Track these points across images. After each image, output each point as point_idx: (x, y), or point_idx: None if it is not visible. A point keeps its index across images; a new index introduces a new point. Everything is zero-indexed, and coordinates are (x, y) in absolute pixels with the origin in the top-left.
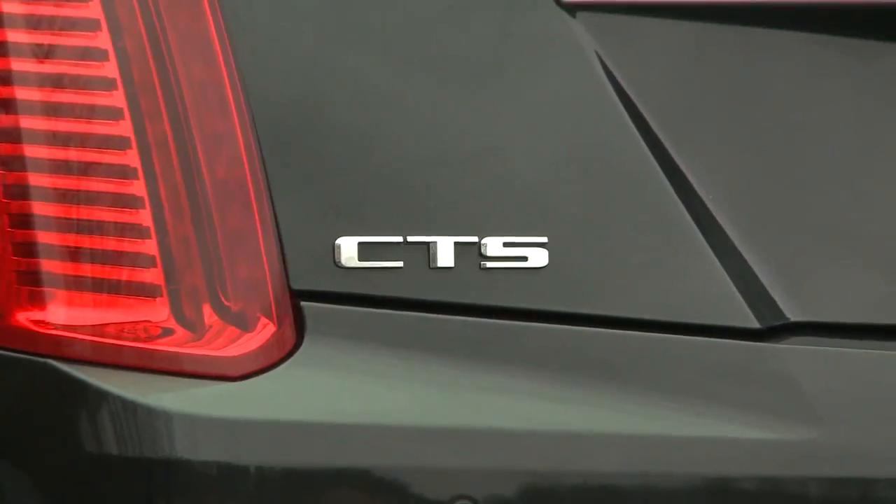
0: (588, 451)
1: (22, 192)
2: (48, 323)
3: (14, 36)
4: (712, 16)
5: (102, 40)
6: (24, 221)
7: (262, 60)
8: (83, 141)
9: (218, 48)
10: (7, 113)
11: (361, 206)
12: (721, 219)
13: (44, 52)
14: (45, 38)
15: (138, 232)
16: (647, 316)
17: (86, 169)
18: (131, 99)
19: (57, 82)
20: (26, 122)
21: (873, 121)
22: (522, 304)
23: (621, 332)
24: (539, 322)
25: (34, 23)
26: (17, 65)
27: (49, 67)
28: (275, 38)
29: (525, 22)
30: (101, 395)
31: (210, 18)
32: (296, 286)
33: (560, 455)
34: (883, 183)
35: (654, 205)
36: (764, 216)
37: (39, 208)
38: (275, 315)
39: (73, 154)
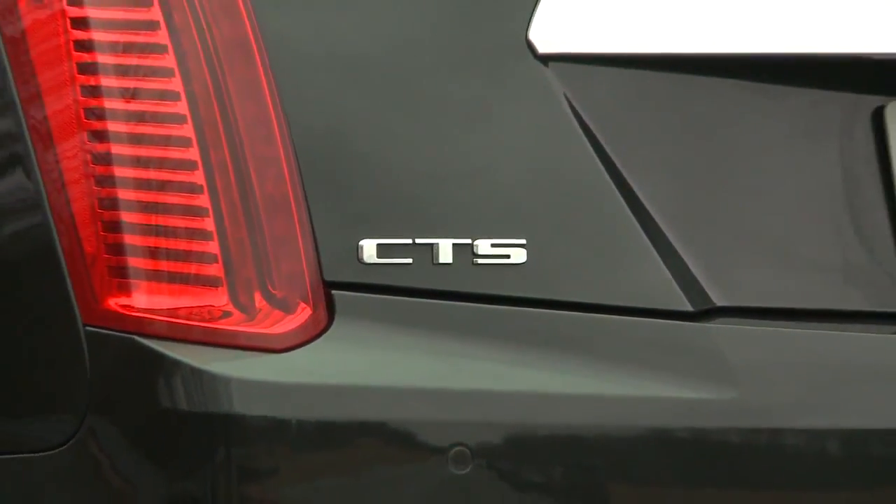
0: (555, 406)
1: (112, 204)
2: (133, 307)
3: (107, 81)
4: (653, 65)
5: (175, 84)
6: (114, 227)
7: (300, 100)
8: (160, 163)
9: (266, 90)
10: (101, 142)
11: (379, 216)
12: (663, 225)
13: (130, 94)
14: (131, 83)
15: (203, 235)
16: (604, 301)
17: (162, 185)
18: (198, 130)
19: (140, 117)
20: (116, 149)
21: (781, 147)
22: (506, 292)
23: (583, 314)
24: (519, 307)
25: (122, 70)
26: (109, 104)
27: (134, 106)
28: (310, 82)
29: (509, 70)
30: (175, 364)
31: (260, 67)
32: (328, 278)
33: (534, 410)
34: (788, 197)
35: (609, 214)
36: (696, 223)
37: (126, 216)
38: (311, 301)
39: (152, 174)
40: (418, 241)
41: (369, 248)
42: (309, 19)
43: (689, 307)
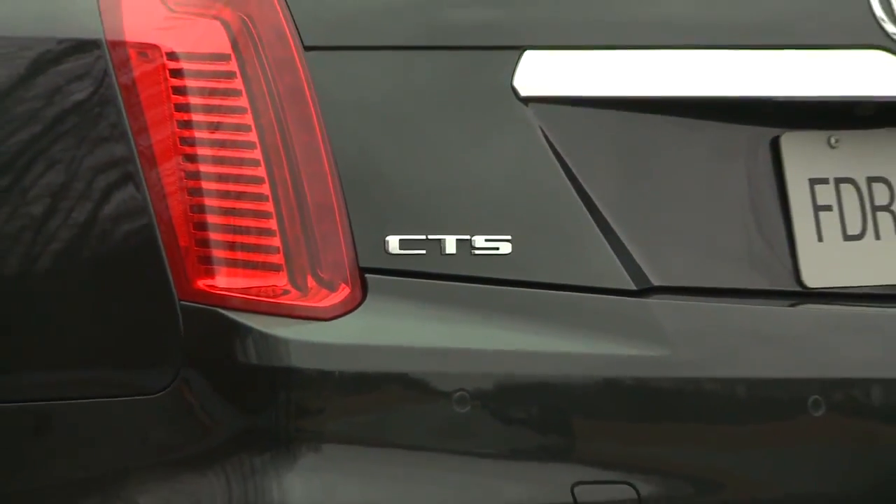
0: (532, 361)
1: (200, 209)
2: (216, 287)
3: (196, 117)
4: (606, 105)
5: (247, 119)
6: (201, 226)
7: (340, 132)
8: (236, 179)
9: (315, 124)
10: (191, 163)
11: (400, 218)
12: (613, 225)
13: (213, 126)
14: (213, 118)
15: (268, 233)
16: (569, 282)
17: (238, 195)
18: (265, 153)
19: (220, 144)
20: (202, 168)
21: (704, 165)
22: (496, 275)
23: (554, 291)
24: (505, 287)
25: (207, 108)
26: (198, 134)
27: (216, 135)
28: (348, 119)
29: (498, 109)
30: (247, 330)
31: (311, 107)
32: (362, 265)
33: (516, 363)
34: (709, 203)
35: (573, 217)
36: (639, 224)
37: (210, 219)
38: (349, 282)
39: (230, 186)
40: (430, 237)
41: (393, 242)
42: (346, 73)
43: (632, 286)
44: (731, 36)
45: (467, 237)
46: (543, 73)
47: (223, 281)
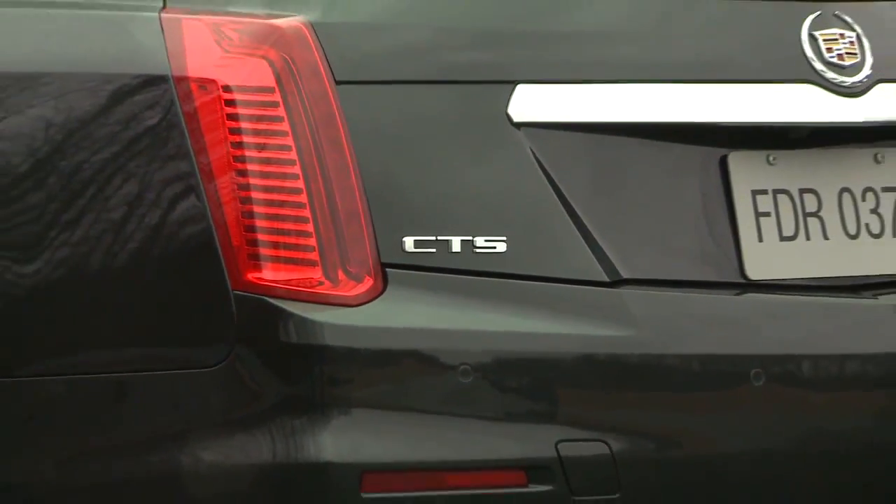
0: (523, 340)
1: (250, 215)
2: (263, 279)
3: (246, 139)
4: (585, 129)
5: (289, 140)
6: (251, 229)
7: (365, 151)
8: (279, 190)
9: (345, 144)
10: (242, 177)
11: (414, 223)
12: (590, 228)
13: (260, 147)
14: (261, 140)
15: (306, 234)
16: (553, 275)
17: (281, 203)
18: (303, 169)
19: (266, 161)
20: (252, 181)
21: (666, 178)
22: (493, 269)
23: (541, 283)
24: (501, 279)
25: (256, 132)
26: (248, 153)
27: (263, 154)
28: (370, 141)
29: (495, 132)
30: (289, 314)
31: (342, 131)
32: (383, 261)
33: (510, 342)
34: (670, 209)
35: (557, 222)
36: (612, 227)
37: (258, 223)
38: (373, 275)
39: (274, 196)
40: (439, 238)
41: (409, 242)
42: (370, 102)
43: (606, 279)
44: (688, 72)
45: (470, 238)
46: (533, 102)
47: (269, 274)
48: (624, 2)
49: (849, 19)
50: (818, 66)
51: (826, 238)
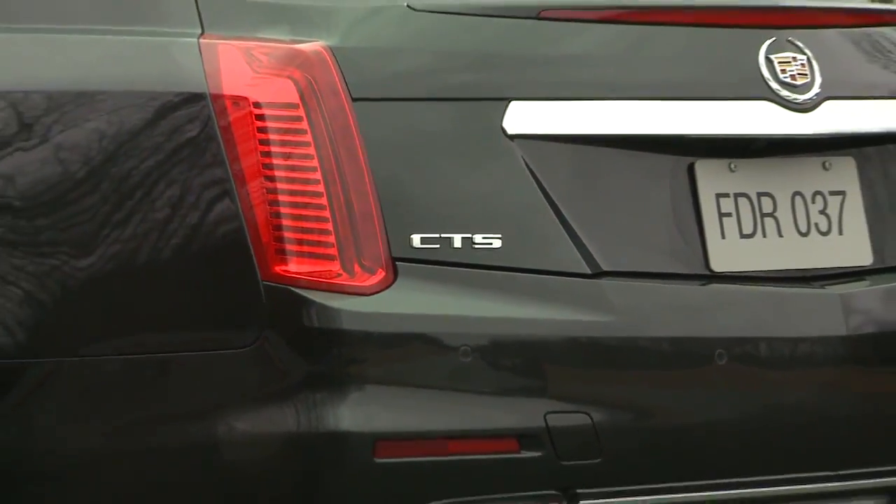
0: (515, 325)
1: (277, 216)
2: (288, 271)
3: (274, 148)
4: (570, 140)
5: (311, 150)
6: (278, 228)
7: (378, 159)
8: (302, 193)
9: (360, 153)
10: (271, 182)
11: (421, 222)
12: (574, 226)
13: (286, 155)
14: (287, 149)
15: (325, 232)
16: (542, 267)
17: (304, 205)
18: (323, 175)
19: (292, 168)
20: (279, 186)
21: (641, 183)
22: (490, 263)
23: (531, 274)
24: (496, 271)
25: (282, 142)
26: (275, 160)
27: (289, 161)
28: (382, 151)
29: (491, 144)
30: (311, 302)
31: (357, 142)
32: (393, 255)
33: (504, 326)
34: (645, 209)
35: (545, 222)
36: (594, 226)
37: (284, 222)
38: (385, 268)
39: (298, 199)
40: (442, 235)
41: (416, 239)
42: (382, 117)
43: (588, 270)
44: (660, 91)
45: (469, 235)
46: (524, 117)
47: (293, 267)
48: (603, 29)
49: (800, 44)
50: (773, 85)
51: (780, 236)
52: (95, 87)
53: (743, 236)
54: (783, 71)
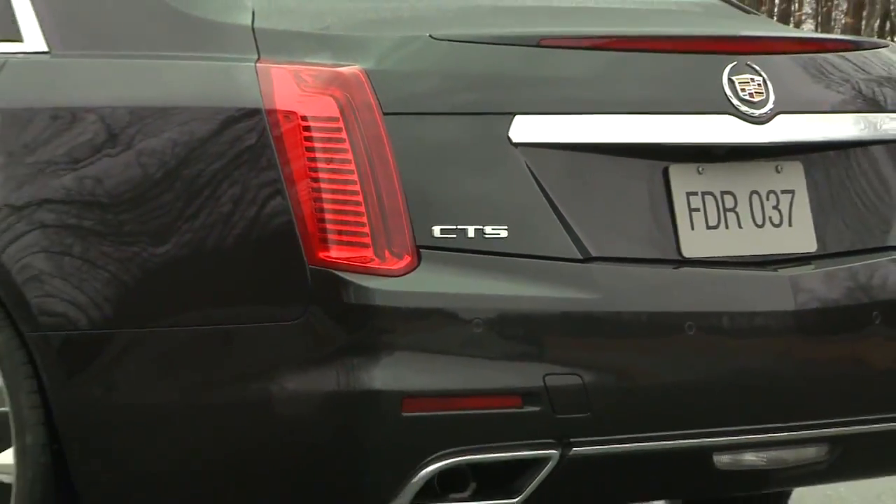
0: (517, 301)
1: (321, 210)
2: (330, 256)
3: (318, 154)
4: (566, 147)
5: (349, 155)
6: (321, 220)
7: (404, 163)
8: (342, 192)
9: (390, 159)
10: (315, 182)
11: (440, 216)
12: (568, 219)
13: (328, 160)
14: (329, 155)
15: (361, 224)
16: (541, 254)
17: (343, 202)
18: (359, 177)
19: (333, 171)
20: (322, 185)
21: (626, 184)
22: (498, 250)
23: (531, 259)
24: (504, 256)
25: (325, 149)
26: (320, 164)
27: (331, 165)
28: (408, 155)
29: (499, 151)
30: (349, 282)
31: (387, 148)
32: (418, 243)
33: (509, 302)
34: (628, 206)
35: (544, 215)
36: (585, 218)
37: (328, 216)
38: (410, 254)
39: (338, 196)
40: (458, 226)
41: (436, 230)
42: (407, 128)
43: (580, 256)
44: (640, 106)
45: (480, 227)
46: (527, 128)
47: (334, 253)
48: (592, 54)
49: (757, 67)
50: (735, 101)
51: (740, 227)
52: (171, 104)
53: (709, 227)
54: (743, 90)
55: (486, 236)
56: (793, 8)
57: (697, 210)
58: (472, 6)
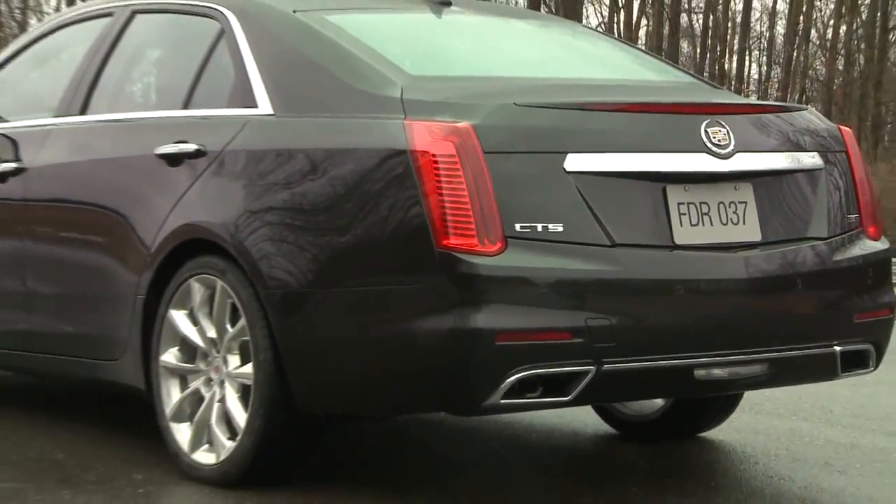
0: (568, 273)
1: (444, 213)
2: (450, 243)
3: (443, 181)
4: (606, 175)
5: (462, 181)
6: (444, 220)
7: (498, 185)
8: (458, 204)
9: (489, 182)
10: (440, 197)
11: (520, 217)
12: (602, 220)
13: (450, 182)
14: (450, 181)
15: (469, 223)
16: (583, 241)
17: (458, 208)
18: (470, 196)
19: (452, 189)
20: (446, 199)
21: (639, 198)
22: (558, 240)
23: (577, 245)
24: (561, 244)
25: (448, 177)
26: (444, 186)
27: (451, 188)
28: (499, 180)
29: (558, 176)
30: (462, 260)
31: (486, 175)
32: (506, 234)
33: (563, 274)
34: (640, 214)
35: (587, 218)
36: (613, 220)
37: (449, 217)
38: (502, 241)
39: (455, 205)
40: (532, 224)
41: (518, 226)
42: (499, 162)
43: (608, 243)
44: (648, 147)
45: (546, 224)
46: (576, 162)
47: (453, 241)
48: (618, 114)
49: (723, 122)
50: (709, 144)
51: (712, 225)
52: (349, 146)
53: (692, 225)
54: (714, 137)
55: (549, 230)
56: (742, 86)
57: (685, 214)
58: (539, 84)
